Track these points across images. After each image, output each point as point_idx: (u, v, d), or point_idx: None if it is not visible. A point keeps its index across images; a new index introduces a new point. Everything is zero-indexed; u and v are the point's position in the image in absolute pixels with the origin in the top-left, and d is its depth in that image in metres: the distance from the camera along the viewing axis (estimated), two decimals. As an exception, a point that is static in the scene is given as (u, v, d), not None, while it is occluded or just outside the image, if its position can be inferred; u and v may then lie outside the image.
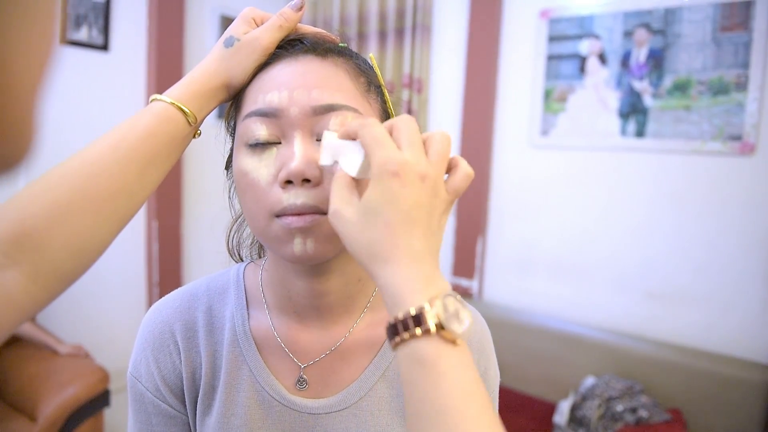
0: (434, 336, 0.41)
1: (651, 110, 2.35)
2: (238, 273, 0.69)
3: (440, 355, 0.41)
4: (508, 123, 2.74)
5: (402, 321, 0.41)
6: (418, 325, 0.41)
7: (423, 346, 0.41)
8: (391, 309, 0.43)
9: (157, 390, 0.63)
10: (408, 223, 0.43)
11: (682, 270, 2.32)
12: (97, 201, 0.49)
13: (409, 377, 0.41)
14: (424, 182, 0.44)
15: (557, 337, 2.46)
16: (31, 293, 0.46)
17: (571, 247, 2.58)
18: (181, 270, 3.05)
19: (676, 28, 2.26)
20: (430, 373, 0.40)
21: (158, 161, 0.54)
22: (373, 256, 0.44)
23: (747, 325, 2.18)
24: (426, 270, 0.43)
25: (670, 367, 2.20)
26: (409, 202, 0.43)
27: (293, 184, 0.53)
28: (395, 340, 0.42)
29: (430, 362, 0.40)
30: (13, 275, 0.45)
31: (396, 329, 0.42)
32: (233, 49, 0.59)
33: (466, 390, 0.40)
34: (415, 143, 0.45)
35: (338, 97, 0.54)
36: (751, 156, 2.15)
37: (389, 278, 0.43)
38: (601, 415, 2.13)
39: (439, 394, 0.40)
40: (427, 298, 0.41)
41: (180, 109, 0.56)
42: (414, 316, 0.41)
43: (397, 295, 0.42)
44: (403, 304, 0.42)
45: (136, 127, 0.53)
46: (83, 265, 0.50)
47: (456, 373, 0.40)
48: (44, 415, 1.88)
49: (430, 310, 0.41)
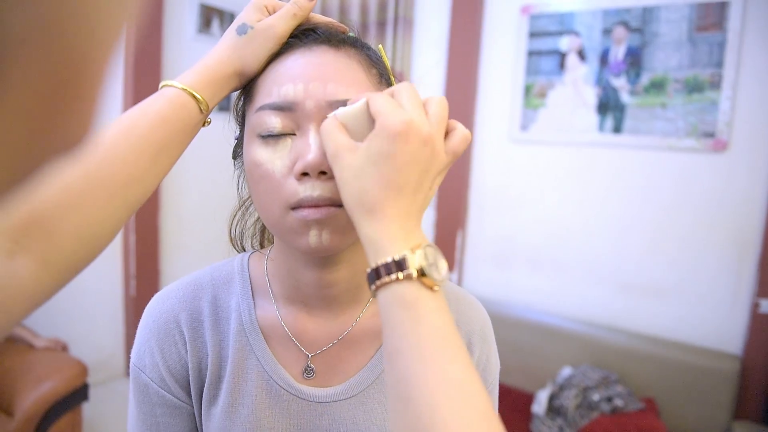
0: (415, 281, 0.43)
1: (628, 107, 2.40)
2: (242, 263, 0.69)
3: (420, 298, 0.43)
4: (489, 118, 2.77)
5: (385, 265, 0.44)
6: (400, 270, 0.43)
7: (404, 289, 0.43)
8: (373, 257, 0.45)
9: (162, 380, 0.63)
10: (401, 179, 0.46)
11: (656, 263, 2.38)
12: (109, 188, 0.49)
13: (389, 318, 0.44)
14: (425, 143, 0.46)
15: (535, 329, 2.51)
16: (41, 281, 0.45)
17: (549, 241, 2.63)
18: (159, 262, 3.01)
19: (654, 26, 2.31)
20: (410, 314, 0.43)
21: (170, 148, 0.54)
22: (362, 205, 0.46)
23: (718, 317, 2.26)
24: (409, 225, 0.46)
25: (644, 358, 2.27)
26: (407, 159, 0.46)
27: (309, 176, 0.53)
28: (377, 283, 0.44)
29: (410, 304, 0.43)
30: (24, 262, 0.44)
31: (378, 273, 0.44)
32: (247, 37, 0.58)
33: (444, 331, 0.43)
34: (416, 105, 0.48)
35: (353, 91, 0.55)
36: (723, 153, 2.22)
37: (374, 228, 0.45)
38: (578, 405, 2.18)
39: (419, 333, 0.42)
40: (408, 247, 0.44)
41: (192, 96, 0.55)
42: (397, 261, 0.44)
43: (380, 243, 0.45)
44: (386, 251, 0.44)
45: (148, 113, 0.53)
46: (93, 253, 0.49)
47: (434, 316, 0.43)
48: (21, 410, 1.84)
49: (412, 256, 0.44)
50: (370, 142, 0.46)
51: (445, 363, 0.41)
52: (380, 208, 0.45)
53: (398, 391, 0.42)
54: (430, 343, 0.42)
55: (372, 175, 0.46)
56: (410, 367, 0.41)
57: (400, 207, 0.46)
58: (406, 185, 0.46)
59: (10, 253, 0.44)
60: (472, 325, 0.68)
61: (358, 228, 0.47)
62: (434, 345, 0.42)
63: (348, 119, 0.50)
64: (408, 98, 0.48)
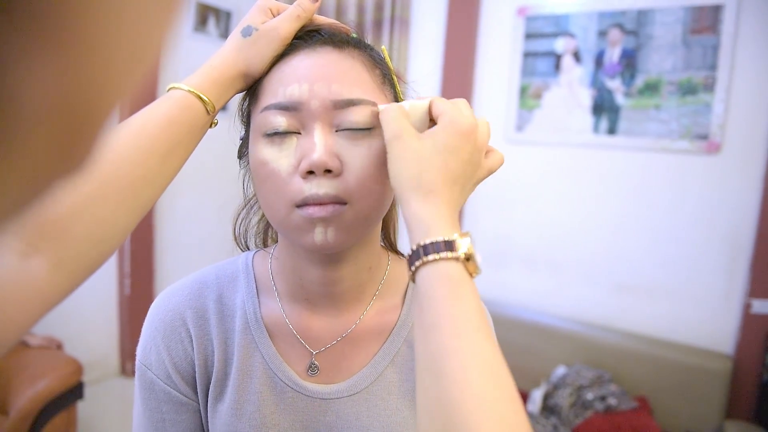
0: (460, 264, 0.46)
1: (622, 108, 2.42)
2: (246, 261, 0.69)
3: (463, 279, 0.46)
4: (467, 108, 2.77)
5: (434, 244, 0.46)
6: (450, 250, 0.46)
7: (451, 268, 0.46)
8: (422, 235, 0.47)
9: (169, 377, 0.64)
10: (458, 171, 0.50)
11: (650, 264, 2.41)
12: (119, 189, 0.49)
13: (431, 293, 0.45)
14: (480, 150, 0.52)
15: (530, 328, 2.52)
16: (55, 282, 0.46)
17: (544, 241, 2.65)
18: (153, 261, 3.00)
19: (649, 29, 2.33)
20: (453, 292, 0.45)
21: (179, 149, 0.55)
22: (420, 185, 0.49)
23: (710, 316, 2.28)
24: (455, 214, 0.49)
25: (637, 357, 2.29)
26: (466, 157, 0.50)
27: (315, 175, 0.54)
28: (423, 259, 0.46)
29: (455, 282, 0.45)
30: (38, 263, 0.44)
31: (426, 250, 0.46)
32: (251, 39, 0.59)
33: (480, 314, 0.45)
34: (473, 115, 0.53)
35: (357, 92, 0.55)
36: (716, 155, 2.24)
37: (427, 209, 0.48)
38: (573, 403, 2.20)
39: (459, 311, 0.44)
40: (456, 232, 0.47)
41: (199, 98, 0.56)
42: (447, 242, 0.46)
43: (432, 223, 0.47)
44: (438, 231, 0.47)
45: (156, 115, 0.53)
46: (105, 254, 0.50)
47: (473, 297, 0.45)
48: (16, 409, 1.84)
49: (461, 241, 0.46)
50: (437, 134, 0.50)
51: (480, 341, 0.43)
52: (437, 193, 0.48)
53: (431, 365, 0.43)
54: (468, 320, 0.43)
55: (435, 162, 0.49)
56: (447, 342, 0.43)
57: (452, 196, 0.49)
58: (460, 178, 0.50)
59: (24, 254, 0.44)
60: None
61: (409, 205, 0.49)
62: (472, 323, 0.43)
63: (411, 112, 0.54)
64: (467, 110, 0.53)
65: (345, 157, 0.55)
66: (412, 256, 0.48)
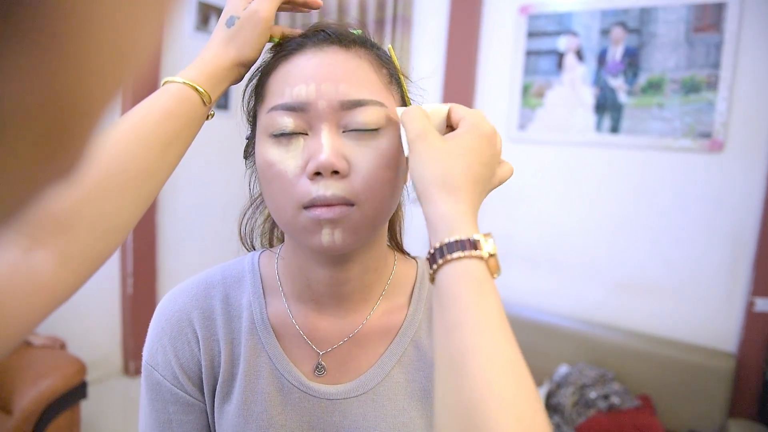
0: (483, 263, 0.46)
1: (625, 107, 2.42)
2: (252, 261, 0.69)
3: (486, 278, 0.46)
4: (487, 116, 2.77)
5: (459, 242, 0.46)
6: (474, 249, 0.46)
7: (475, 267, 0.45)
8: (445, 233, 0.47)
9: (175, 378, 0.64)
10: (481, 172, 0.50)
11: (653, 262, 2.40)
12: (122, 182, 0.49)
13: (454, 292, 0.45)
14: (497, 157, 0.53)
15: (532, 327, 2.52)
16: (62, 277, 0.45)
17: (547, 240, 2.64)
18: (156, 260, 3.01)
19: (652, 27, 2.33)
20: (476, 290, 0.44)
21: (178, 141, 0.55)
22: (445, 183, 0.49)
23: (713, 315, 2.28)
24: (476, 217, 0.49)
25: (640, 356, 2.28)
26: (487, 160, 0.51)
27: (322, 176, 0.53)
28: (446, 257, 0.46)
29: (479, 281, 0.45)
30: (42, 257, 0.44)
31: (450, 248, 0.46)
32: (235, 27, 0.60)
33: (502, 313, 0.45)
34: None
35: (364, 92, 0.55)
36: (719, 153, 2.24)
37: (451, 207, 0.48)
38: (575, 402, 2.19)
39: (482, 309, 0.44)
40: (481, 233, 0.47)
41: (195, 89, 0.56)
42: (472, 241, 0.46)
43: (456, 221, 0.47)
44: (462, 230, 0.46)
45: (154, 107, 0.54)
46: (110, 247, 0.50)
47: (496, 297, 0.45)
48: (20, 408, 1.84)
49: (486, 241, 0.46)
50: (462, 136, 0.51)
51: (503, 340, 0.43)
52: (461, 192, 0.49)
53: (453, 362, 0.42)
54: (491, 319, 0.43)
55: (460, 162, 0.50)
56: (470, 340, 0.42)
57: (474, 195, 0.50)
58: (482, 179, 0.51)
59: (28, 249, 0.44)
60: None
61: (432, 204, 0.49)
62: (495, 322, 0.43)
63: (431, 115, 0.55)
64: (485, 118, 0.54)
65: (352, 158, 0.55)
66: (434, 254, 0.47)
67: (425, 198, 0.49)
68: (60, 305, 0.47)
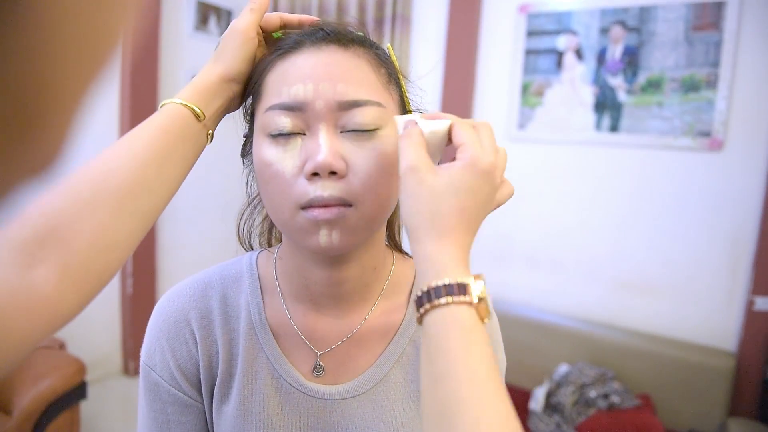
0: (472, 308, 0.44)
1: (625, 106, 2.41)
2: (251, 261, 0.69)
3: (476, 325, 0.44)
4: (486, 116, 2.77)
5: (446, 286, 0.44)
6: (463, 294, 0.44)
7: (463, 313, 0.44)
8: (432, 276, 0.46)
9: (173, 379, 0.63)
10: (474, 216, 0.48)
11: (652, 261, 2.40)
12: (117, 195, 0.49)
13: (442, 338, 0.44)
14: (495, 189, 0.50)
15: (532, 326, 2.52)
16: (62, 292, 0.44)
17: (547, 239, 2.64)
18: (155, 260, 3.01)
19: (651, 26, 2.33)
20: (466, 338, 0.43)
21: (174, 157, 0.55)
22: (434, 225, 0.47)
23: (713, 314, 2.28)
24: (468, 259, 0.48)
25: (640, 355, 2.28)
26: (483, 200, 0.48)
27: (319, 176, 0.53)
28: (433, 302, 0.45)
29: (468, 328, 0.44)
30: (43, 273, 0.43)
31: (439, 292, 0.45)
32: (220, 45, 0.62)
33: (492, 362, 0.43)
34: (495, 149, 0.50)
35: (363, 92, 0.55)
36: (719, 152, 2.24)
37: (439, 250, 0.46)
38: (575, 401, 2.19)
39: (473, 359, 0.43)
40: (471, 275, 0.45)
41: (186, 106, 0.57)
42: (460, 284, 0.44)
43: (443, 265, 0.46)
44: (449, 273, 0.45)
45: (149, 126, 0.55)
46: (112, 264, 0.49)
47: (486, 345, 0.44)
48: (19, 408, 1.84)
49: (476, 284, 0.45)
50: (456, 172, 0.48)
51: (492, 391, 0.42)
52: (451, 235, 0.47)
53: (442, 416, 0.42)
54: (481, 370, 0.42)
55: (452, 202, 0.47)
56: (460, 392, 0.41)
57: (465, 237, 0.48)
58: (476, 220, 0.49)
59: (28, 266, 0.43)
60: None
61: (420, 245, 0.47)
62: (485, 373, 0.42)
63: (429, 138, 0.51)
64: (489, 139, 0.51)
65: (350, 159, 0.54)
66: (421, 299, 0.46)
67: (413, 238, 0.48)
68: (64, 324, 0.46)
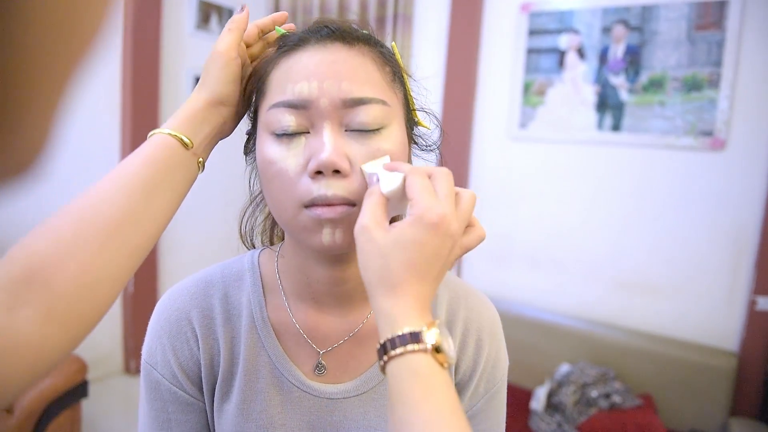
0: (429, 355, 0.45)
1: (627, 105, 2.41)
2: (252, 259, 0.69)
3: (433, 371, 0.44)
4: (488, 115, 2.77)
5: (400, 337, 0.45)
6: (416, 342, 0.45)
7: (419, 361, 0.44)
8: (388, 329, 0.46)
9: (174, 377, 0.63)
10: (425, 268, 0.48)
11: (654, 261, 2.40)
12: (102, 232, 0.47)
13: (400, 388, 0.44)
14: (450, 237, 0.49)
15: (533, 326, 2.52)
16: (47, 335, 0.43)
17: (548, 239, 2.64)
18: (156, 259, 3.01)
19: (653, 25, 2.32)
20: (422, 386, 0.44)
21: (162, 187, 0.53)
22: (383, 282, 0.47)
23: (715, 314, 2.28)
24: (425, 306, 0.48)
25: (641, 354, 2.28)
26: (433, 252, 0.48)
27: (323, 175, 0.53)
28: (390, 354, 0.45)
29: (424, 376, 0.44)
30: (26, 315, 0.42)
31: (393, 344, 0.45)
32: (203, 71, 0.61)
33: (453, 406, 0.43)
34: (450, 197, 0.49)
35: (367, 90, 0.55)
36: (721, 151, 2.23)
37: (391, 303, 0.47)
38: (577, 401, 2.19)
39: (430, 407, 0.43)
40: (424, 324, 0.46)
41: (174, 136, 0.56)
42: (413, 333, 0.45)
43: (396, 317, 0.46)
44: (402, 324, 0.46)
45: (135, 157, 0.53)
46: (100, 303, 0.48)
47: (444, 390, 0.44)
48: (20, 407, 1.84)
49: (428, 332, 0.45)
50: (404, 229, 0.48)
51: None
52: (401, 288, 0.47)
53: None
54: (440, 417, 0.43)
55: (399, 257, 0.47)
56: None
57: (419, 290, 0.48)
58: (428, 273, 0.48)
59: (10, 308, 0.42)
60: (482, 322, 0.68)
61: (374, 300, 0.48)
62: (444, 421, 0.43)
63: (391, 194, 0.51)
64: (444, 187, 0.50)
65: (354, 158, 0.54)
66: (379, 351, 0.47)
67: (369, 293, 0.49)
68: (50, 367, 0.44)
